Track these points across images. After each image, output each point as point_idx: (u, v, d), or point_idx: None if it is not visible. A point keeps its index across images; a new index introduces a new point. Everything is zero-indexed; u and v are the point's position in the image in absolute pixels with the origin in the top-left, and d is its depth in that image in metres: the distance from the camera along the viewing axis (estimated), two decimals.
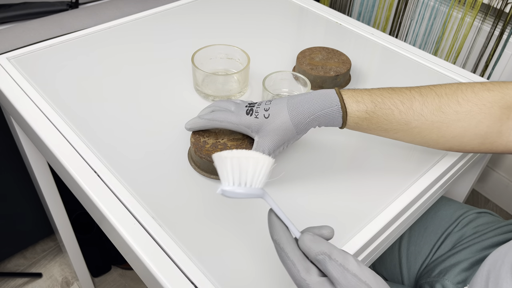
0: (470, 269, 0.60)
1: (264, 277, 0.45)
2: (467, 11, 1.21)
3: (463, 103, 0.51)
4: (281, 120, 0.50)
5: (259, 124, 0.51)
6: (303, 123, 0.50)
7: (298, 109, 0.50)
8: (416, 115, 0.51)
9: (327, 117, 0.50)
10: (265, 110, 0.51)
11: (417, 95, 0.52)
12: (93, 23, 0.92)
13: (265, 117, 0.51)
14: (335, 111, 0.50)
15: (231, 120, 0.52)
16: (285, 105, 0.51)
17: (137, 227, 0.48)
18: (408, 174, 0.57)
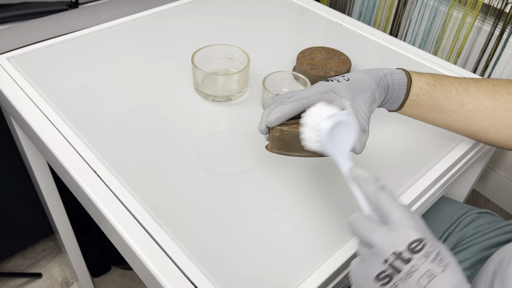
0: (471, 269, 0.60)
1: (264, 277, 0.45)
2: (468, 11, 1.20)
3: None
4: (363, 80, 0.49)
5: (344, 87, 0.47)
6: (380, 80, 0.49)
7: (372, 71, 0.50)
8: (472, 97, 0.52)
9: (395, 83, 0.50)
10: (344, 77, 0.49)
11: (471, 81, 0.53)
12: (93, 23, 0.92)
13: (345, 79, 0.48)
14: (401, 77, 0.51)
15: (317, 91, 0.47)
16: (361, 72, 0.50)
17: (137, 227, 0.48)
18: (408, 174, 0.57)
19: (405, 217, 0.36)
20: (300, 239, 0.49)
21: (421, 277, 0.33)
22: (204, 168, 0.56)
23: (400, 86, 0.51)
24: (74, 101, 0.65)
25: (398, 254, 0.34)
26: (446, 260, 0.34)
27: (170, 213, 0.50)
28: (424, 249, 0.34)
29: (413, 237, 0.35)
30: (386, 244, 0.35)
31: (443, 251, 0.35)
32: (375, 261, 0.35)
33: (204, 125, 0.63)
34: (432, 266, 0.34)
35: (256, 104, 0.68)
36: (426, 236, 0.35)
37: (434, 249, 0.35)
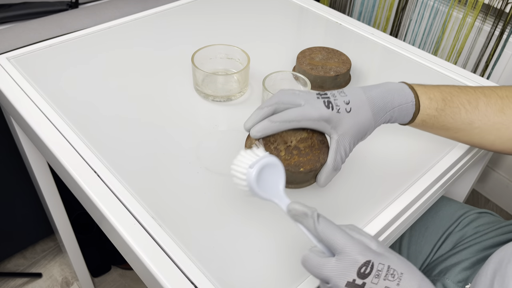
0: (471, 268, 0.60)
1: (264, 277, 0.45)
2: (468, 12, 1.21)
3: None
4: (364, 115, 0.47)
5: (340, 118, 0.46)
6: (381, 118, 0.48)
7: (378, 103, 0.48)
8: (481, 115, 0.51)
9: (401, 112, 0.49)
10: (346, 103, 0.46)
11: (481, 95, 0.52)
12: (93, 23, 0.92)
13: (346, 111, 0.46)
14: (409, 107, 0.49)
15: (311, 117, 0.45)
16: (364, 98, 0.47)
17: (137, 227, 0.48)
18: (409, 174, 0.57)
19: (348, 243, 0.36)
20: (301, 239, 0.49)
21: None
22: (204, 168, 0.56)
23: (406, 116, 0.50)
24: (74, 101, 0.65)
25: (352, 283, 0.35)
26: (398, 272, 0.35)
27: (170, 213, 0.50)
28: (374, 270, 0.35)
29: (360, 262, 0.35)
30: (338, 276, 0.36)
31: (393, 263, 0.36)
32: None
33: (204, 125, 0.63)
34: (386, 283, 0.35)
35: (256, 104, 0.68)
36: (371, 256, 0.36)
37: (383, 266, 0.35)
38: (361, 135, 0.48)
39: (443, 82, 0.75)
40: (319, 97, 0.47)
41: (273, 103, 0.47)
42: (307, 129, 0.48)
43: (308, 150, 0.48)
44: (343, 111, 0.46)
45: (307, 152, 0.48)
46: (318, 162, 0.48)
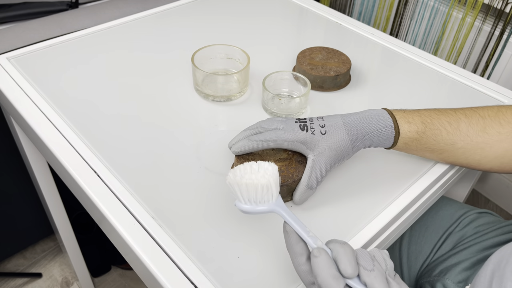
0: (471, 269, 0.60)
1: (264, 277, 0.45)
2: (467, 12, 1.21)
3: (505, 124, 0.53)
4: (339, 137, 0.50)
5: (315, 140, 0.50)
6: (359, 141, 0.51)
7: (355, 127, 0.51)
8: (463, 136, 0.52)
9: (381, 137, 0.51)
10: (321, 127, 0.50)
11: (462, 116, 0.53)
12: (93, 23, 0.92)
13: (321, 133, 0.50)
14: (388, 131, 0.51)
15: (285, 138, 0.50)
16: (341, 122, 0.51)
17: (137, 227, 0.48)
18: (409, 174, 0.57)
19: (323, 267, 0.37)
20: None
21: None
22: (204, 168, 0.56)
23: (386, 140, 0.52)
24: (74, 101, 0.65)
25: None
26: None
27: (170, 213, 0.50)
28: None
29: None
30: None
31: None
32: None
33: (204, 125, 0.63)
34: None
35: (256, 104, 0.68)
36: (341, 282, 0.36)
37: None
38: (337, 157, 0.51)
39: (443, 82, 0.75)
40: (297, 122, 0.51)
41: (255, 127, 0.52)
42: (288, 151, 0.53)
43: (283, 168, 0.51)
44: (318, 133, 0.50)
45: (282, 170, 0.51)
46: (290, 178, 0.50)
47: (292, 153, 0.53)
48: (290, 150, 0.52)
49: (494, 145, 0.53)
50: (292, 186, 0.51)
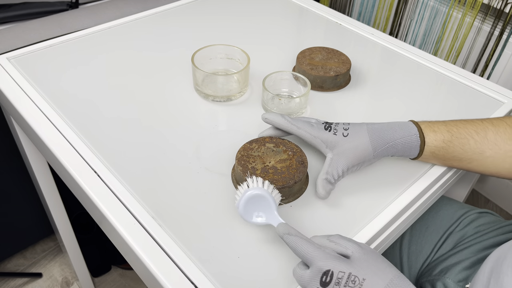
0: (471, 268, 0.60)
1: (264, 277, 0.45)
2: (467, 11, 1.21)
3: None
4: (361, 141, 0.51)
5: (336, 141, 0.51)
6: (381, 147, 0.51)
7: (378, 134, 0.51)
8: (491, 144, 0.52)
9: (405, 146, 0.52)
10: (344, 129, 0.52)
11: (489, 125, 0.53)
12: (93, 23, 0.92)
13: (343, 135, 0.51)
14: (413, 140, 0.51)
15: (309, 131, 0.52)
16: (365, 128, 0.52)
17: (137, 227, 0.48)
18: (409, 174, 0.57)
19: (315, 252, 0.40)
20: None
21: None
22: (204, 168, 0.56)
23: (411, 148, 0.52)
24: (74, 101, 0.65)
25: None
26: (360, 278, 0.37)
27: (170, 213, 0.50)
28: (333, 278, 0.38)
29: (322, 271, 0.38)
30: (309, 285, 0.39)
31: (357, 270, 0.38)
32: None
33: (204, 125, 0.63)
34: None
35: (256, 104, 0.68)
36: (331, 265, 0.38)
37: (344, 274, 0.38)
38: (357, 160, 0.51)
39: (442, 82, 0.75)
40: (324, 123, 0.53)
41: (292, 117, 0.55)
42: (288, 151, 0.54)
43: (284, 169, 0.52)
44: (340, 135, 0.51)
45: (283, 171, 0.51)
46: (291, 180, 0.51)
47: (292, 154, 0.53)
48: (290, 151, 0.54)
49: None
50: (294, 188, 0.51)
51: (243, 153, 0.53)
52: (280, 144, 0.55)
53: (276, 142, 0.55)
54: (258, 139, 0.55)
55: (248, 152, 0.54)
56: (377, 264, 0.39)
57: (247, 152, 0.54)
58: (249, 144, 0.55)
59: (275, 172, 0.51)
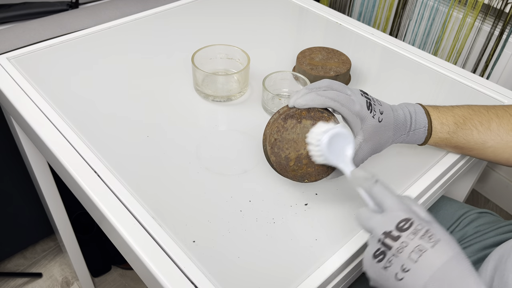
0: None
1: (264, 277, 0.45)
2: (468, 12, 1.21)
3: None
4: (387, 133, 0.51)
5: (371, 124, 0.49)
6: (397, 138, 0.52)
7: (399, 125, 0.51)
8: (493, 135, 0.53)
9: (414, 136, 0.53)
10: (380, 113, 0.49)
11: (494, 116, 0.54)
12: (93, 23, 0.92)
13: (378, 120, 0.49)
14: (421, 132, 0.53)
15: (352, 108, 0.47)
16: (392, 118, 0.51)
17: (137, 227, 0.48)
18: (409, 174, 0.57)
19: (395, 202, 0.40)
20: (301, 238, 0.49)
21: (411, 252, 0.36)
22: (204, 168, 0.56)
23: (418, 139, 0.53)
24: (74, 101, 0.65)
25: (387, 233, 0.38)
26: (437, 237, 0.37)
27: (170, 213, 0.50)
28: (412, 227, 0.38)
29: (401, 217, 0.38)
30: (378, 226, 0.39)
31: (434, 230, 0.38)
32: (373, 243, 0.39)
33: (204, 125, 0.63)
34: (421, 242, 0.37)
35: (256, 104, 0.68)
36: (413, 216, 0.38)
37: (423, 227, 0.38)
38: (378, 149, 0.51)
39: (442, 82, 0.75)
40: (362, 95, 0.49)
41: (323, 85, 0.49)
42: None
43: (318, 163, 0.50)
44: (376, 119, 0.49)
45: (315, 162, 0.49)
46: (325, 173, 0.50)
47: None
48: None
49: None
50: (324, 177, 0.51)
51: (277, 137, 0.48)
52: (319, 119, 0.48)
53: (314, 116, 0.48)
54: (295, 113, 0.47)
55: (282, 134, 0.48)
56: (449, 235, 0.39)
57: (281, 134, 0.48)
58: (283, 121, 0.47)
59: (309, 164, 0.49)
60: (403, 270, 0.37)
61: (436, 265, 0.36)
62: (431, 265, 0.36)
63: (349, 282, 0.52)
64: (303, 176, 0.50)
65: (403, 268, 0.37)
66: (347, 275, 0.49)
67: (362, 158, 0.50)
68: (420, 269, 0.36)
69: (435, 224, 0.39)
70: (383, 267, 0.38)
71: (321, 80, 0.49)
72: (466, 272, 0.36)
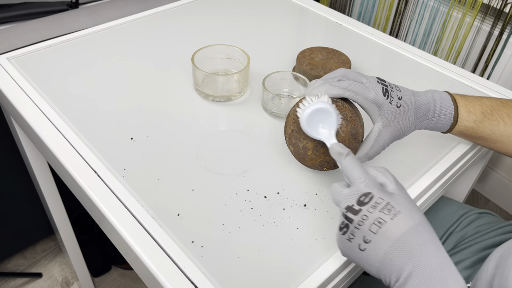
0: (472, 267, 0.60)
1: (264, 277, 0.45)
2: (467, 11, 1.21)
3: None
4: (408, 118, 0.50)
5: (389, 110, 0.48)
6: (419, 125, 0.51)
7: (422, 110, 0.50)
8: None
9: (439, 123, 0.52)
10: (398, 98, 0.49)
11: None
12: (93, 23, 0.92)
13: (397, 106, 0.49)
14: (447, 118, 0.52)
15: (366, 96, 0.47)
16: (413, 101, 0.50)
17: (137, 227, 0.48)
18: (409, 174, 0.57)
19: (360, 176, 0.41)
20: (301, 238, 0.49)
21: (371, 224, 0.38)
22: (204, 168, 0.56)
23: (444, 126, 0.53)
24: (74, 101, 0.65)
25: (349, 207, 0.40)
26: (396, 210, 0.39)
27: (170, 213, 0.50)
28: (372, 201, 0.39)
29: (362, 192, 0.40)
30: (343, 200, 0.41)
31: (395, 202, 0.39)
32: (340, 216, 0.41)
33: (204, 125, 0.63)
34: (380, 215, 0.39)
35: (256, 104, 0.68)
36: (374, 190, 0.40)
37: (382, 201, 0.39)
38: (399, 135, 0.51)
39: (442, 82, 0.75)
40: (379, 82, 0.49)
41: (337, 75, 0.50)
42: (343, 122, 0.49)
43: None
44: (394, 104, 0.49)
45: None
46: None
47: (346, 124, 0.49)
48: (344, 120, 0.49)
49: None
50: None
51: (293, 128, 0.50)
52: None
53: None
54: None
55: (299, 125, 0.50)
56: (413, 207, 0.40)
57: (297, 125, 0.50)
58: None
59: (327, 152, 0.50)
60: (365, 241, 0.39)
61: (394, 236, 0.38)
62: (390, 235, 0.38)
63: (349, 282, 0.52)
64: (321, 164, 0.51)
65: (365, 239, 0.39)
66: (347, 275, 0.49)
67: (383, 144, 0.50)
68: (380, 240, 0.38)
69: (400, 198, 0.40)
70: (347, 239, 0.40)
71: (336, 70, 0.50)
72: (426, 241, 0.38)
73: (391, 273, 0.38)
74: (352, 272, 0.50)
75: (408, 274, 0.37)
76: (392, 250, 0.38)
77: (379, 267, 0.39)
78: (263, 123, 0.64)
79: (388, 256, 0.38)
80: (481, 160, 0.73)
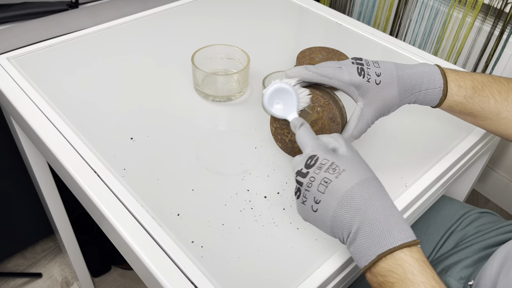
0: (472, 266, 0.60)
1: (264, 277, 0.45)
2: (467, 11, 1.21)
3: None
4: (391, 93, 0.49)
5: (368, 88, 0.48)
6: (406, 98, 0.51)
7: (406, 83, 0.50)
8: (509, 106, 0.52)
9: (427, 97, 0.51)
10: (377, 75, 0.49)
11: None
12: (93, 23, 0.92)
13: (376, 83, 0.49)
14: (436, 92, 0.51)
15: (341, 78, 0.48)
16: (395, 74, 0.50)
17: (137, 227, 0.48)
18: (409, 173, 0.57)
19: (310, 142, 0.44)
20: (301, 238, 0.49)
21: (319, 185, 0.41)
22: (204, 168, 0.56)
23: (432, 100, 0.52)
24: (74, 101, 0.65)
25: (299, 171, 0.42)
26: (341, 169, 0.41)
27: (170, 213, 0.50)
28: (317, 163, 0.41)
29: (308, 155, 0.42)
30: (295, 166, 0.43)
31: (340, 162, 0.41)
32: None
33: (204, 125, 0.63)
34: (326, 175, 0.41)
35: (256, 104, 0.68)
36: (320, 153, 0.42)
37: (327, 162, 0.41)
38: (384, 110, 0.50)
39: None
40: (354, 63, 0.50)
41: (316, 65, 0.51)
42: (317, 109, 0.51)
43: (318, 133, 0.51)
44: (373, 82, 0.49)
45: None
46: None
47: (321, 110, 0.51)
48: (319, 107, 0.51)
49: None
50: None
51: (276, 125, 0.53)
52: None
53: None
54: None
55: (280, 121, 0.53)
56: (359, 165, 0.42)
57: (278, 122, 0.53)
58: None
59: None
60: (316, 202, 0.41)
61: (340, 193, 0.40)
62: (336, 193, 0.40)
63: (349, 283, 0.52)
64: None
65: (316, 200, 0.41)
66: (346, 275, 0.49)
67: (367, 122, 0.50)
68: (328, 199, 0.40)
69: (346, 158, 0.42)
70: (301, 202, 0.42)
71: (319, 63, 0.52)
72: (372, 195, 0.39)
73: (342, 230, 0.40)
74: (352, 272, 0.50)
75: (357, 229, 0.39)
76: (340, 207, 0.40)
77: (332, 226, 0.41)
78: (263, 123, 0.64)
79: (337, 213, 0.40)
80: (481, 160, 0.73)
